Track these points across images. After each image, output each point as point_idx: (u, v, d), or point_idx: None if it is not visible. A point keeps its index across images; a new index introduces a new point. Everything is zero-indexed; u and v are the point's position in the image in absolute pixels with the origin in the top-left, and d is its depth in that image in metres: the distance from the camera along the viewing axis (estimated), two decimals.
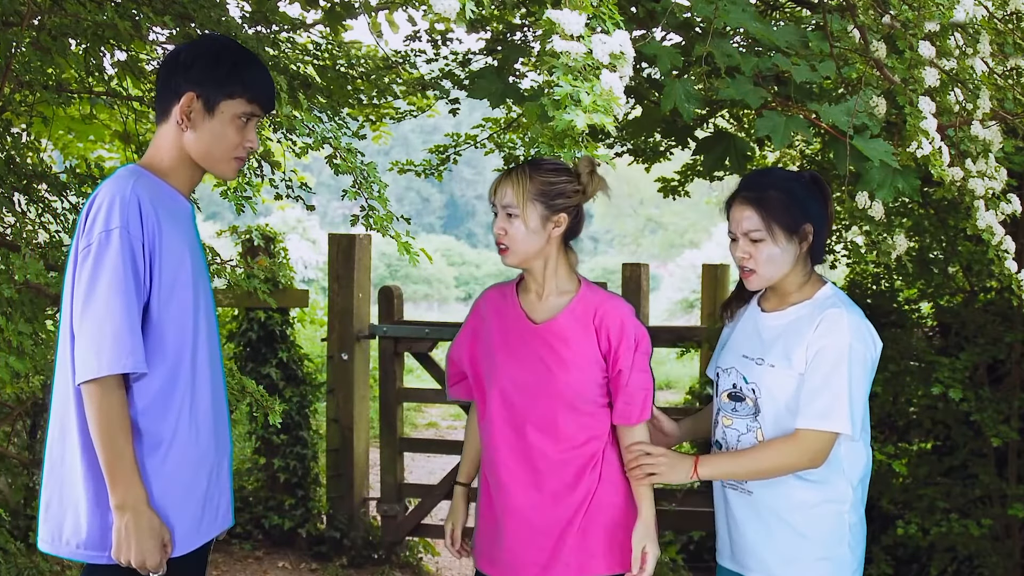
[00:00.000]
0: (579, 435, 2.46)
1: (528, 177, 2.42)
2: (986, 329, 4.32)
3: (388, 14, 4.52)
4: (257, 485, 5.96)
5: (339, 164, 2.73)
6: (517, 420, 2.47)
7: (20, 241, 3.08)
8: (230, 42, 2.30)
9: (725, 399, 2.50)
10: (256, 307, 5.84)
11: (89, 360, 2.00)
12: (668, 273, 26.62)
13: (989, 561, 4.29)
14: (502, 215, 2.44)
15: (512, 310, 2.53)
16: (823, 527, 2.39)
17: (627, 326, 2.45)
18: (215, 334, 2.26)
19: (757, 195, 2.40)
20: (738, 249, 2.42)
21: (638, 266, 7.08)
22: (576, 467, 2.46)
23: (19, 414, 4.10)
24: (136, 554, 2.03)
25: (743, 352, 2.48)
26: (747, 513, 2.45)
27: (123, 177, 2.12)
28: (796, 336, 2.38)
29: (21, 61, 3.26)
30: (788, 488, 2.39)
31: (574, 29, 1.88)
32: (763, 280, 2.43)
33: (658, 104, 2.85)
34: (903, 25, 2.52)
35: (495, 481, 2.51)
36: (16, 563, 3.44)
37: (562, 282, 2.51)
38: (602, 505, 2.47)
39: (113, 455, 2.01)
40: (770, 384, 2.40)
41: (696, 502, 6.02)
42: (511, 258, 2.45)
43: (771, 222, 2.37)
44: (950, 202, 4.00)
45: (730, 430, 2.48)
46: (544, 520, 2.45)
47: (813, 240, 2.41)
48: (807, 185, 2.45)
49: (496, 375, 2.50)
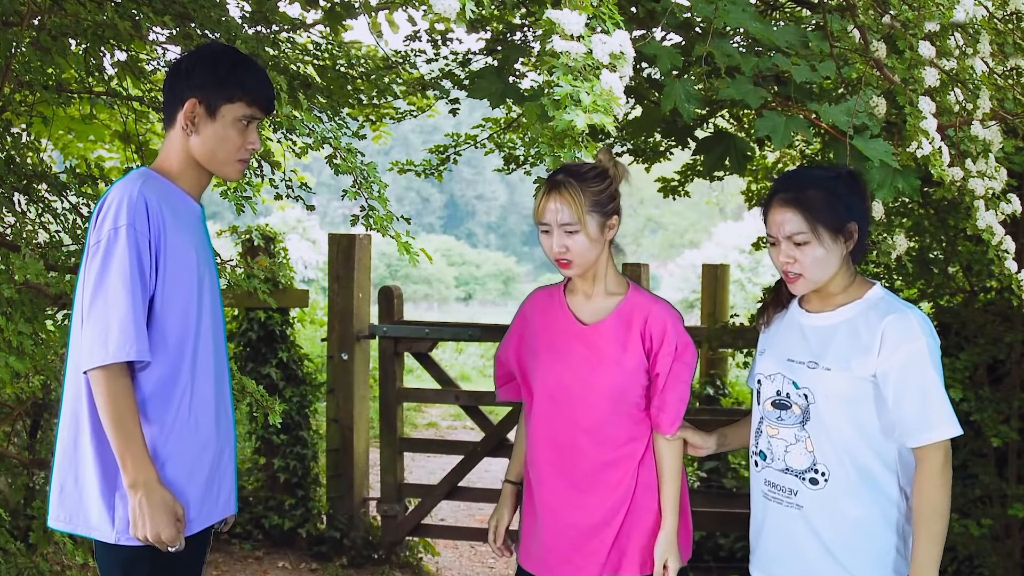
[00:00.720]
0: (620, 437, 2.48)
1: (580, 191, 2.41)
2: (986, 329, 4.32)
3: (388, 14, 4.52)
4: (257, 485, 5.96)
5: (339, 164, 2.73)
6: (561, 419, 2.49)
7: (20, 241, 3.08)
8: (229, 48, 2.44)
9: (769, 407, 2.40)
10: (256, 307, 5.84)
11: (96, 348, 2.10)
12: (668, 273, 26.64)
13: (989, 561, 4.29)
14: (559, 233, 2.42)
15: (560, 311, 2.55)
16: (882, 543, 2.29)
17: (670, 332, 2.46)
18: (220, 330, 2.36)
19: (797, 195, 2.28)
20: (780, 254, 2.31)
21: (638, 266, 7.07)
22: (616, 469, 2.48)
23: (19, 414, 4.10)
24: (152, 529, 2.12)
25: (788, 356, 2.38)
26: (790, 528, 2.35)
27: (132, 179, 2.24)
28: (854, 339, 2.28)
29: (21, 61, 3.26)
30: (842, 503, 2.29)
31: (574, 29, 1.88)
32: (810, 284, 2.32)
33: (658, 104, 2.85)
34: (903, 25, 2.52)
35: (537, 479, 2.54)
36: (16, 563, 3.44)
37: (611, 284, 2.53)
38: (638, 508, 2.49)
39: (123, 436, 2.11)
40: (827, 389, 2.29)
41: (696, 502, 6.00)
42: (575, 270, 2.46)
43: (816, 223, 2.26)
44: (950, 202, 4.00)
45: (776, 440, 2.37)
46: (582, 519, 2.48)
47: (859, 239, 2.32)
48: (847, 181, 2.33)
49: (542, 375, 2.52)
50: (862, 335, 2.28)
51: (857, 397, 2.27)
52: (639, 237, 39.96)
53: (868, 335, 2.27)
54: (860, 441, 2.28)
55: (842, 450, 2.29)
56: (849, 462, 2.29)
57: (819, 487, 2.31)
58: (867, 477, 2.29)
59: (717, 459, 6.33)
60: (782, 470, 2.36)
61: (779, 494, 2.37)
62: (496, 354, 2.69)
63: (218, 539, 5.82)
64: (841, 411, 2.28)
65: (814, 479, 2.31)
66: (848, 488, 2.29)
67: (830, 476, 2.29)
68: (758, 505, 2.44)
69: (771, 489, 2.39)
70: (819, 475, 2.30)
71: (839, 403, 2.28)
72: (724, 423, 2.70)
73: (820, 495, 2.31)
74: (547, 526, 2.52)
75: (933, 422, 2.22)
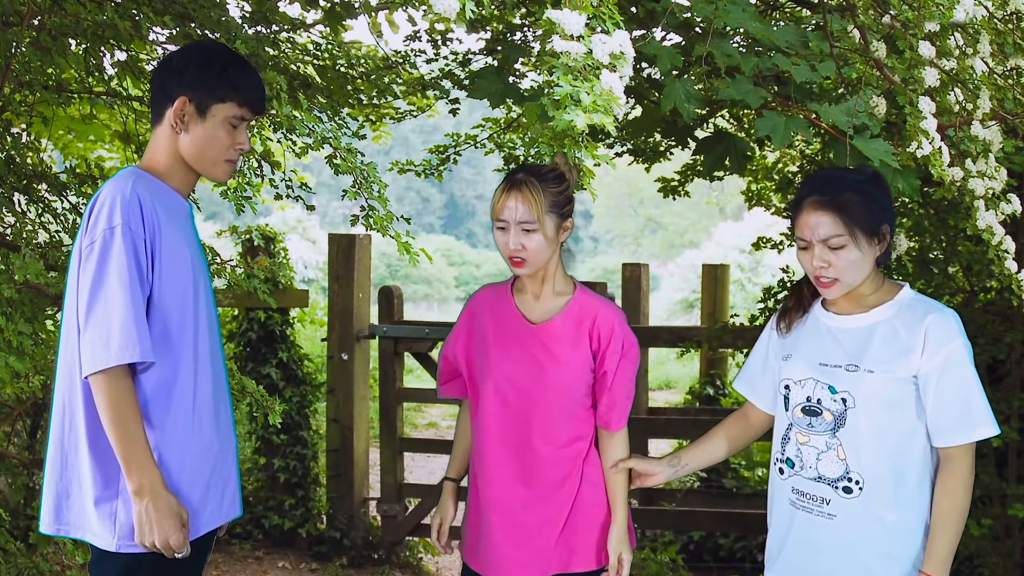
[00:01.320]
0: (567, 434, 2.53)
1: (540, 191, 2.45)
2: (986, 329, 4.32)
3: (388, 14, 4.52)
4: (257, 485, 5.96)
5: (339, 164, 2.73)
6: (510, 417, 2.52)
7: (20, 241, 3.08)
8: (221, 47, 2.38)
9: (799, 414, 2.34)
10: (256, 307, 5.84)
11: (99, 351, 2.06)
12: (668, 273, 26.60)
13: (989, 561, 4.29)
14: (516, 230, 2.45)
15: (508, 310, 2.58)
16: (915, 546, 2.27)
17: (617, 331, 2.52)
18: (216, 328, 2.33)
19: (833, 199, 2.25)
20: (814, 258, 2.27)
21: (638, 266, 7.09)
22: (563, 466, 2.52)
23: (19, 414, 4.09)
24: (159, 536, 2.08)
25: (820, 360, 2.34)
26: (822, 538, 2.31)
27: (123, 177, 2.19)
28: (893, 339, 2.26)
29: (21, 61, 3.26)
30: (879, 510, 2.27)
31: (574, 29, 1.88)
32: (844, 288, 2.29)
33: (658, 104, 2.85)
34: (903, 25, 2.51)
35: (485, 477, 2.56)
36: (16, 563, 3.44)
37: (559, 284, 2.57)
38: (584, 504, 2.53)
39: (127, 441, 2.07)
40: (868, 391, 2.25)
41: (696, 502, 6.01)
42: (529, 269, 2.49)
43: (853, 226, 2.24)
44: (950, 202, 4.00)
45: (807, 448, 2.33)
46: (529, 517, 2.51)
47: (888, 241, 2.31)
48: (877, 183, 2.33)
49: (490, 372, 2.54)
50: (901, 335, 2.26)
51: (898, 399, 2.25)
52: (639, 237, 39.95)
53: (909, 335, 2.25)
54: (898, 444, 2.26)
55: (880, 455, 2.26)
56: (886, 467, 2.26)
57: (853, 496, 2.27)
58: (903, 481, 2.26)
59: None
60: (814, 479, 2.32)
61: (809, 503, 2.33)
62: (442, 350, 2.69)
63: (218, 540, 5.81)
64: (882, 414, 2.25)
65: (848, 488, 2.28)
66: (883, 494, 2.26)
67: (864, 484, 2.26)
68: (784, 514, 2.39)
69: (799, 498, 2.35)
70: (853, 483, 2.27)
71: (879, 406, 2.25)
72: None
73: (855, 504, 2.27)
74: (495, 524, 2.54)
75: (976, 422, 2.22)
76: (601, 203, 37.24)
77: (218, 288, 3.20)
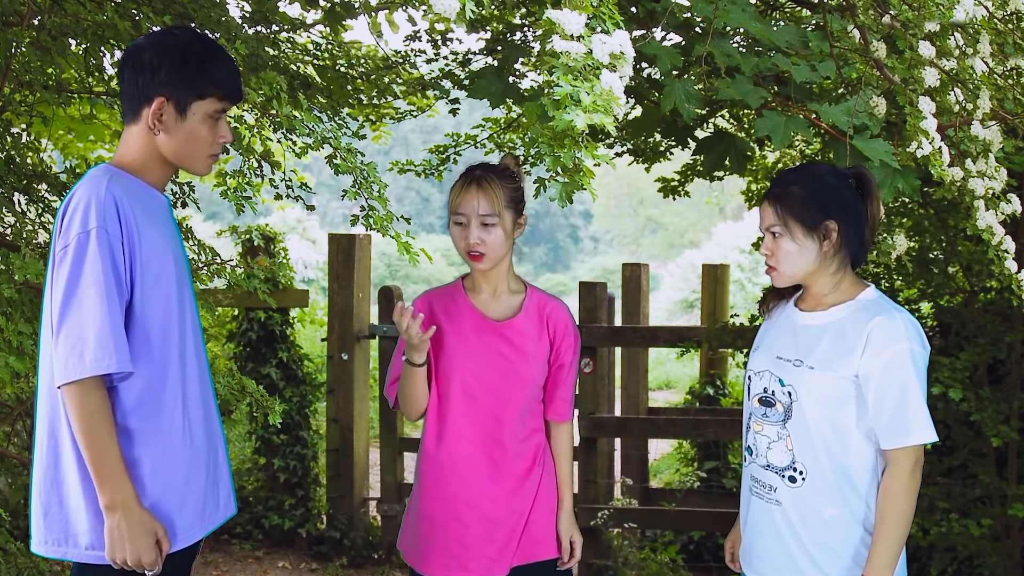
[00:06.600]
0: (529, 426, 2.62)
1: (499, 186, 2.53)
2: (986, 329, 4.32)
3: (388, 14, 4.52)
4: (257, 485, 5.96)
5: (339, 164, 2.73)
6: (480, 415, 2.57)
7: (20, 241, 3.08)
8: (193, 37, 2.23)
9: (756, 404, 2.44)
10: (256, 307, 5.84)
11: (72, 362, 1.98)
12: (668, 273, 26.57)
13: (989, 561, 4.29)
14: (476, 225, 2.51)
15: (466, 310, 2.62)
16: (854, 541, 2.31)
17: (570, 325, 2.65)
18: (198, 326, 2.26)
19: (778, 191, 2.36)
20: (764, 245, 2.41)
21: (638, 266, 7.08)
22: (527, 458, 2.61)
23: (19, 414, 4.09)
24: (131, 553, 2.02)
25: (777, 354, 2.42)
26: (769, 523, 2.38)
27: (97, 177, 2.10)
28: (840, 340, 2.31)
29: (21, 61, 3.26)
30: (817, 502, 2.32)
31: (574, 29, 1.89)
32: (784, 277, 2.38)
33: (658, 104, 2.85)
34: (903, 25, 2.52)
35: (454, 476, 2.58)
36: (16, 563, 3.43)
37: (513, 282, 2.65)
38: (544, 494, 2.63)
39: (99, 454, 2.00)
40: (809, 387, 2.32)
41: (696, 502, 6.01)
42: (487, 264, 2.55)
43: (787, 218, 2.33)
44: (950, 202, 4.00)
45: (760, 436, 2.41)
46: (499, 512, 2.57)
47: (845, 239, 2.33)
48: (841, 181, 2.36)
49: (455, 371, 2.57)
50: (848, 335, 2.30)
51: (838, 397, 2.30)
52: (639, 237, 39.93)
53: (854, 335, 2.30)
54: (839, 441, 2.31)
55: (821, 450, 2.31)
56: (827, 462, 2.31)
57: (797, 485, 2.34)
58: (843, 477, 2.31)
59: (717, 459, 6.33)
60: (764, 466, 2.40)
61: (761, 489, 2.41)
62: (393, 359, 2.65)
63: (218, 539, 5.83)
64: (822, 410, 2.31)
65: (792, 477, 2.35)
66: (824, 488, 2.31)
67: (807, 475, 2.33)
68: (745, 499, 2.49)
69: (755, 484, 2.44)
70: (797, 473, 2.34)
71: (820, 402, 2.31)
72: (723, 423, 2.72)
73: (797, 493, 2.34)
74: (465, 522, 2.57)
75: (909, 427, 2.25)
76: (601, 203, 37.22)
77: (218, 288, 3.21)
